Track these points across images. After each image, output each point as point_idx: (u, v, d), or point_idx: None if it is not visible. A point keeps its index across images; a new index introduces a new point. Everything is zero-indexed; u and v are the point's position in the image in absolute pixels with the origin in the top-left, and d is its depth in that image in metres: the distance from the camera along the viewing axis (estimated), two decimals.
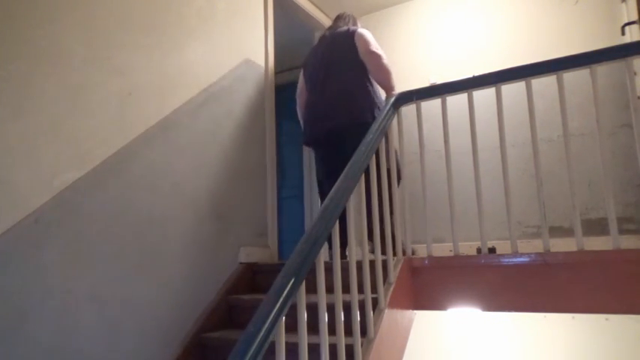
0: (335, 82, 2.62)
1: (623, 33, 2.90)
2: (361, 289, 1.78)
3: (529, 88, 1.99)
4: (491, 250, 2.52)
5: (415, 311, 2.08)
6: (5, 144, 1.56)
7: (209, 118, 2.45)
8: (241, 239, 2.58)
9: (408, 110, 2.58)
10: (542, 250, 1.87)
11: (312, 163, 3.81)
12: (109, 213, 1.86)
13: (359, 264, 1.74)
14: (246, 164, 2.70)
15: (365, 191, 1.82)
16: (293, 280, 1.22)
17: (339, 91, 2.59)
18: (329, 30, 2.86)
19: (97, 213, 1.82)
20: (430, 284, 2.05)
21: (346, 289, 1.76)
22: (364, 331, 1.64)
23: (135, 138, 2.01)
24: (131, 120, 2.01)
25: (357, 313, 1.56)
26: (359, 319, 1.56)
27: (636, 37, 2.74)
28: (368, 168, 1.84)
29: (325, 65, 2.68)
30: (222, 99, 2.56)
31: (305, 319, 1.27)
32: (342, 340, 1.44)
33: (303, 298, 1.28)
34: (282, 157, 4.35)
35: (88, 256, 1.76)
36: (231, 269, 2.47)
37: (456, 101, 3.07)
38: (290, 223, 4.28)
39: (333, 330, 1.50)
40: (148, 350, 1.94)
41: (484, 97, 3.06)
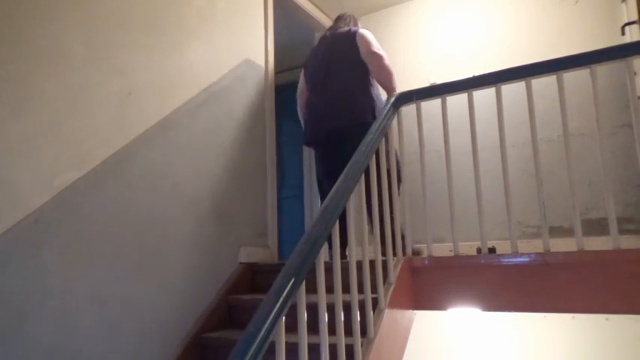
0: (335, 82, 2.62)
1: (623, 33, 2.90)
2: (361, 289, 1.78)
3: (529, 88, 1.99)
4: (491, 250, 2.51)
5: (415, 311, 2.08)
6: (5, 144, 1.56)
7: (209, 118, 2.45)
8: (241, 239, 2.58)
9: (408, 110, 2.58)
10: (542, 250, 1.87)
11: (312, 163, 3.81)
12: (109, 213, 1.86)
13: (359, 264, 1.74)
14: (246, 164, 2.70)
15: (366, 191, 1.82)
16: (293, 280, 1.22)
17: (339, 92, 2.59)
18: (329, 30, 2.86)
19: (97, 213, 1.82)
20: (430, 284, 2.05)
21: (346, 289, 1.76)
22: (364, 331, 1.64)
23: (135, 138, 2.01)
24: (131, 120, 2.01)
25: (357, 313, 1.56)
26: (359, 319, 1.56)
27: (636, 37, 2.74)
28: (368, 168, 1.84)
29: (326, 65, 2.68)
30: (222, 99, 2.56)
31: (305, 319, 1.27)
32: (342, 340, 1.44)
33: (303, 298, 1.28)
34: (282, 157, 4.35)
35: (88, 256, 1.76)
36: (231, 269, 2.47)
37: (456, 101, 3.07)
38: (290, 223, 4.28)
39: (333, 330, 1.50)
40: (148, 350, 1.94)
41: (484, 97, 3.06)
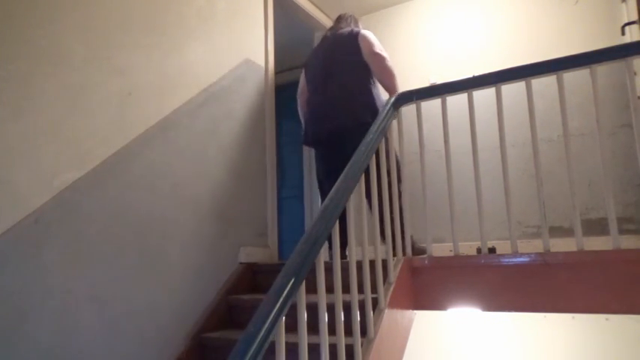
0: (336, 82, 2.62)
1: (623, 33, 2.90)
2: (361, 289, 1.78)
3: (529, 88, 1.99)
4: (491, 250, 2.51)
5: (415, 311, 2.08)
6: (5, 144, 1.56)
7: (209, 118, 2.45)
8: (241, 239, 2.58)
9: (408, 110, 2.58)
10: (542, 250, 1.87)
11: (312, 163, 3.81)
12: (108, 213, 1.86)
13: (359, 264, 1.74)
14: (246, 164, 2.70)
15: (369, 191, 1.82)
16: (293, 280, 1.22)
17: (340, 92, 2.59)
18: (330, 31, 2.86)
19: (97, 213, 1.82)
20: (430, 284, 2.05)
21: (346, 289, 1.76)
22: (364, 331, 1.64)
23: (135, 138, 2.01)
24: (131, 120, 2.01)
25: (357, 313, 1.56)
26: (359, 319, 1.55)
27: (636, 37, 2.74)
28: (368, 168, 1.84)
29: (327, 66, 2.68)
30: (222, 99, 2.56)
31: (305, 319, 1.27)
32: (342, 340, 1.44)
33: (303, 298, 1.28)
34: (282, 157, 4.35)
35: (88, 256, 1.76)
36: (231, 269, 2.47)
37: (456, 101, 3.07)
38: (290, 223, 4.28)
39: (333, 330, 1.50)
40: (147, 350, 1.94)
41: (484, 97, 3.06)
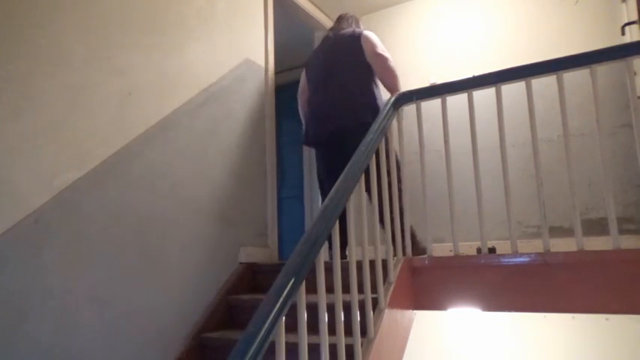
0: (337, 83, 2.62)
1: (623, 33, 2.90)
2: (361, 289, 1.78)
3: (529, 88, 1.98)
4: (491, 250, 2.51)
5: (415, 311, 2.08)
6: (5, 144, 1.56)
7: (209, 118, 2.44)
8: (241, 239, 2.58)
9: (408, 110, 2.58)
10: (542, 250, 1.87)
11: (312, 163, 3.81)
12: (108, 213, 1.86)
13: (359, 264, 1.74)
14: (246, 164, 2.70)
15: (369, 187, 1.82)
16: (293, 280, 1.22)
17: (341, 92, 2.59)
18: (332, 31, 2.85)
19: (97, 213, 1.82)
20: (430, 284, 2.05)
21: (346, 289, 1.76)
22: (364, 331, 1.64)
23: (135, 138, 2.01)
24: (131, 120, 2.01)
25: (357, 313, 1.56)
26: (359, 319, 1.55)
27: (636, 37, 2.74)
28: (368, 168, 1.84)
29: (327, 66, 2.68)
30: (222, 99, 2.56)
31: (305, 319, 1.27)
32: (342, 340, 1.44)
33: (303, 298, 1.28)
34: (282, 157, 4.35)
35: (88, 256, 1.76)
36: (231, 269, 2.47)
37: (456, 101, 3.07)
38: (290, 223, 4.28)
39: (333, 330, 1.50)
40: (147, 350, 1.94)
41: (484, 97, 3.06)
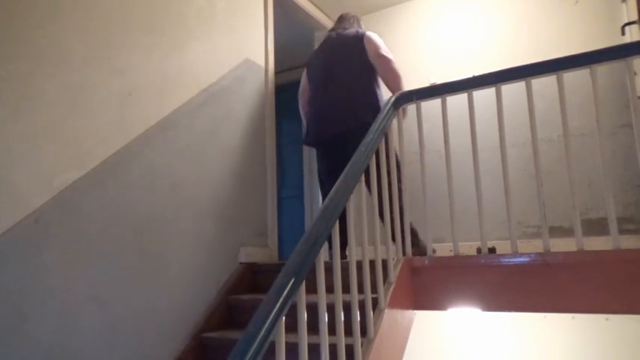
0: (338, 83, 2.62)
1: (623, 33, 2.90)
2: (361, 289, 1.78)
3: (529, 88, 1.98)
4: (491, 250, 2.51)
5: (415, 311, 2.08)
6: (5, 144, 1.56)
7: (209, 118, 2.44)
8: (241, 239, 2.58)
9: (408, 110, 2.58)
10: (542, 250, 1.87)
11: (312, 163, 3.82)
12: (108, 213, 1.86)
13: (359, 264, 1.74)
14: (246, 164, 2.70)
15: (369, 183, 1.81)
16: (293, 280, 1.22)
17: (342, 93, 2.59)
18: (334, 31, 2.85)
19: (97, 213, 1.82)
20: (430, 284, 2.05)
21: (346, 289, 1.76)
22: (364, 331, 1.64)
23: (135, 138, 2.01)
24: (131, 120, 2.01)
25: (357, 313, 1.56)
26: (359, 319, 1.55)
27: (636, 37, 2.74)
28: (368, 168, 1.84)
29: (328, 66, 2.68)
30: (222, 99, 2.56)
31: (305, 319, 1.27)
32: (342, 340, 1.44)
33: (303, 298, 1.28)
34: (282, 157, 4.35)
35: (88, 256, 1.76)
36: (231, 269, 2.47)
37: (456, 101, 3.07)
38: (290, 223, 4.28)
39: (333, 330, 1.50)
40: (147, 350, 1.94)
41: (484, 97, 3.06)
